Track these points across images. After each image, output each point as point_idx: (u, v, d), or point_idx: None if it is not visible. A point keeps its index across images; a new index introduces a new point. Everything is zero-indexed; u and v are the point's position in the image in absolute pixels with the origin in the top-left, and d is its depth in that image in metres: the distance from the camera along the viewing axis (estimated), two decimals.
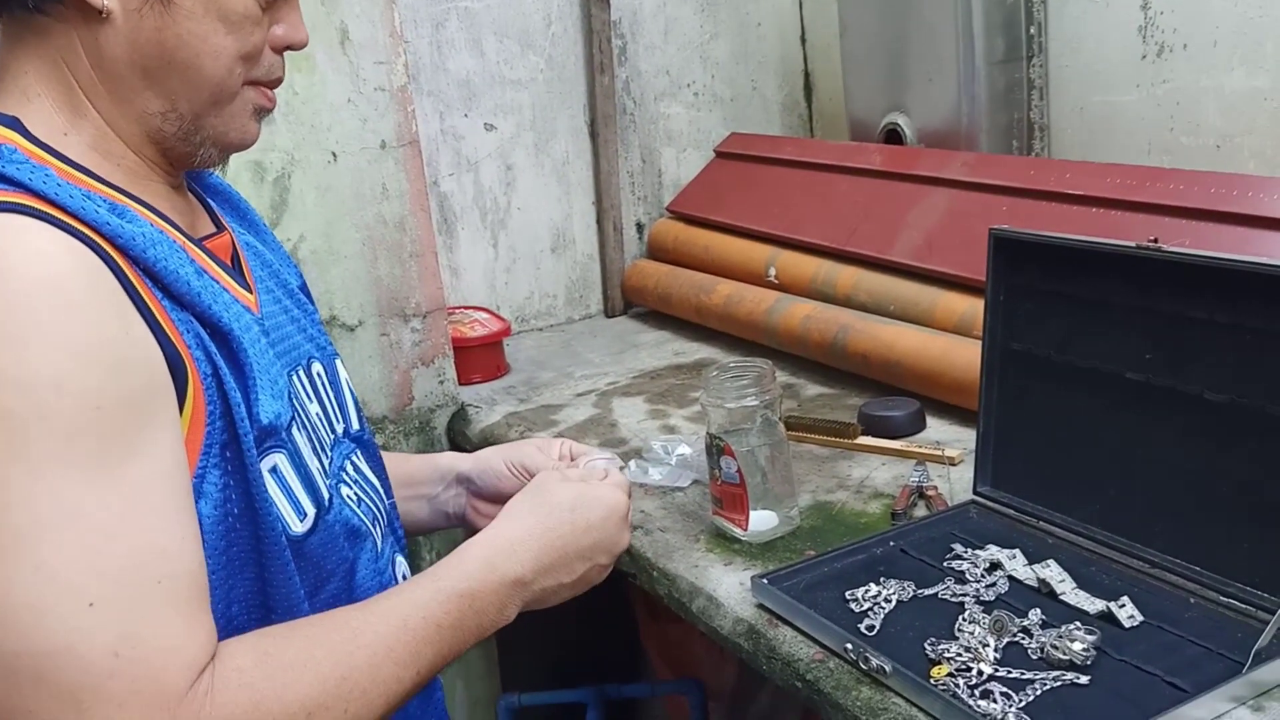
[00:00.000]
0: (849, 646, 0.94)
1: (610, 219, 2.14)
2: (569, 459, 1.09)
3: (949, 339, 1.47)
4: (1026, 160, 1.75)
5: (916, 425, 1.42)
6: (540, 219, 2.11)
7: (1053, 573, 1.00)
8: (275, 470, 0.80)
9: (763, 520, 1.17)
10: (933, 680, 0.88)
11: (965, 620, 0.96)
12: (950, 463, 1.30)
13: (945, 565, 1.06)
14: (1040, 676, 0.88)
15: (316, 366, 0.95)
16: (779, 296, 1.77)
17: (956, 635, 0.94)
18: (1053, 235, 1.09)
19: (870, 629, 0.97)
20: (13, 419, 0.64)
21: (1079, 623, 0.93)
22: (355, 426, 0.99)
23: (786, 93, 2.35)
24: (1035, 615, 0.95)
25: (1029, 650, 0.92)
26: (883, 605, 1.00)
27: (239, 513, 0.76)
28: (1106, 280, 1.04)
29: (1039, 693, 0.86)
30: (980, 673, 0.89)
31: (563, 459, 1.09)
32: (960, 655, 0.91)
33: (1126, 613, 0.94)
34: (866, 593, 1.02)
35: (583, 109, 2.11)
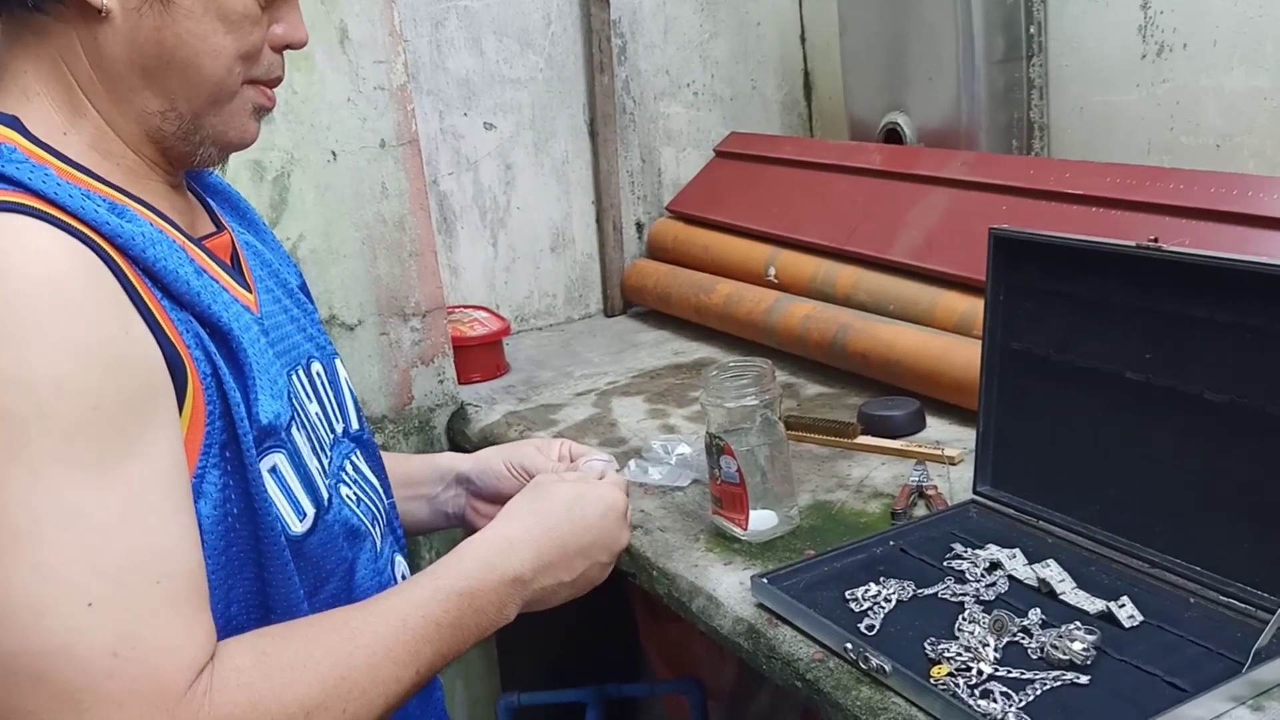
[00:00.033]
0: (849, 646, 0.94)
1: (610, 218, 2.14)
2: (568, 459, 1.09)
3: (949, 338, 1.47)
4: (1026, 160, 1.75)
5: (916, 425, 1.42)
6: (540, 218, 2.11)
7: (1053, 572, 1.00)
8: (275, 470, 0.80)
9: (762, 520, 1.17)
10: (932, 680, 0.88)
11: (965, 620, 0.96)
12: (950, 462, 1.30)
13: (945, 565, 1.06)
14: (1040, 676, 0.88)
15: (316, 366, 0.95)
16: (778, 296, 1.77)
17: (956, 635, 0.94)
18: (1052, 235, 1.09)
19: (870, 628, 0.97)
20: (12, 419, 0.64)
21: (1079, 622, 0.93)
22: (355, 426, 0.99)
23: (786, 92, 2.35)
24: (1035, 615, 0.95)
25: (1029, 650, 0.92)
26: (882, 605, 1.00)
27: (238, 513, 0.76)
28: (1106, 280, 1.04)
29: (1039, 692, 0.86)
30: (980, 672, 0.89)
31: (562, 459, 1.09)
32: (960, 655, 0.91)
33: (1126, 612, 0.94)
34: (866, 592, 1.02)
35: (582, 108, 2.11)
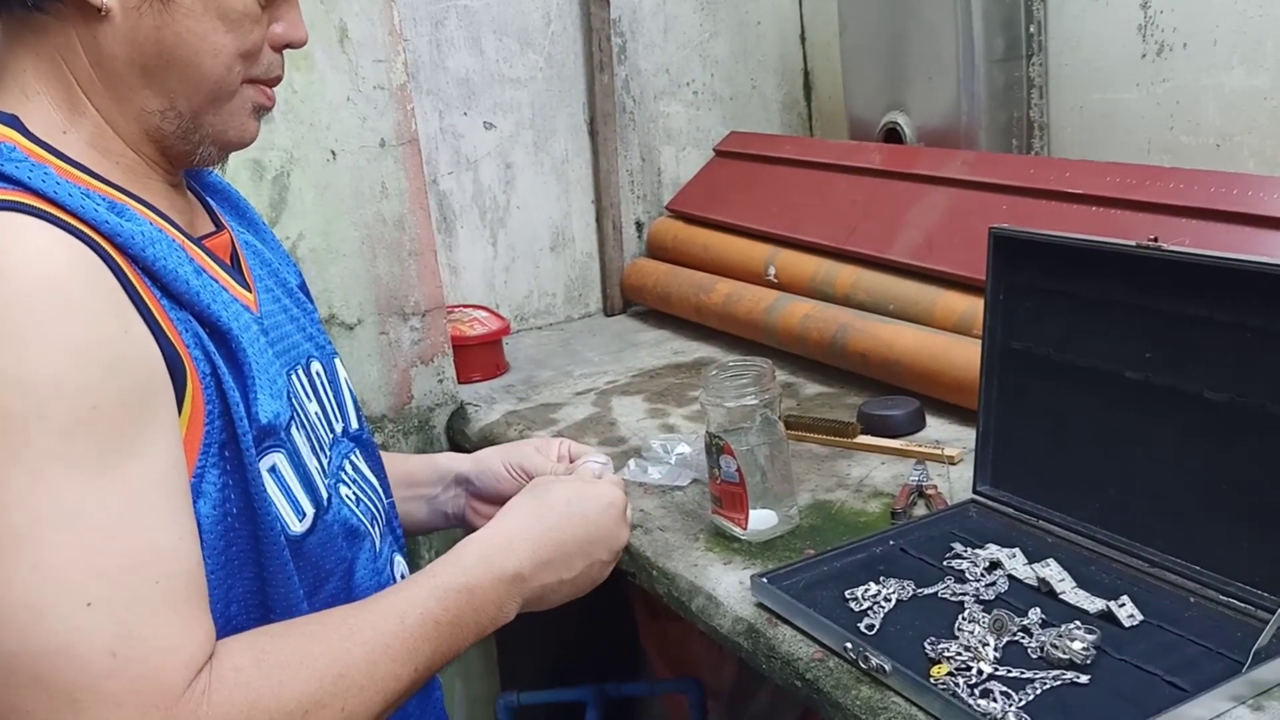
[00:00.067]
0: (848, 645, 0.94)
1: (609, 218, 2.14)
2: (567, 459, 1.09)
3: (948, 338, 1.47)
4: (1026, 159, 1.75)
5: (916, 424, 1.42)
6: (539, 217, 2.11)
7: (1052, 572, 1.00)
8: (274, 470, 0.80)
9: (762, 519, 1.17)
10: (932, 679, 0.88)
11: (965, 619, 0.96)
12: (950, 462, 1.30)
13: (945, 564, 1.06)
14: (1040, 676, 0.88)
15: (315, 366, 0.95)
16: (778, 295, 1.77)
17: (956, 634, 0.94)
18: (1052, 234, 1.09)
19: (870, 628, 0.97)
20: (12, 418, 0.64)
21: (1079, 622, 0.93)
22: (354, 426, 0.99)
23: (786, 91, 2.35)
24: (1035, 614, 0.95)
25: (1029, 649, 0.92)
26: (882, 604, 1.00)
27: (238, 512, 0.76)
28: (1106, 279, 1.04)
29: (1039, 692, 0.86)
30: (980, 672, 0.89)
31: (561, 459, 1.09)
32: (960, 654, 0.91)
33: (1126, 612, 0.94)
34: (866, 592, 1.02)
35: (582, 107, 2.11)
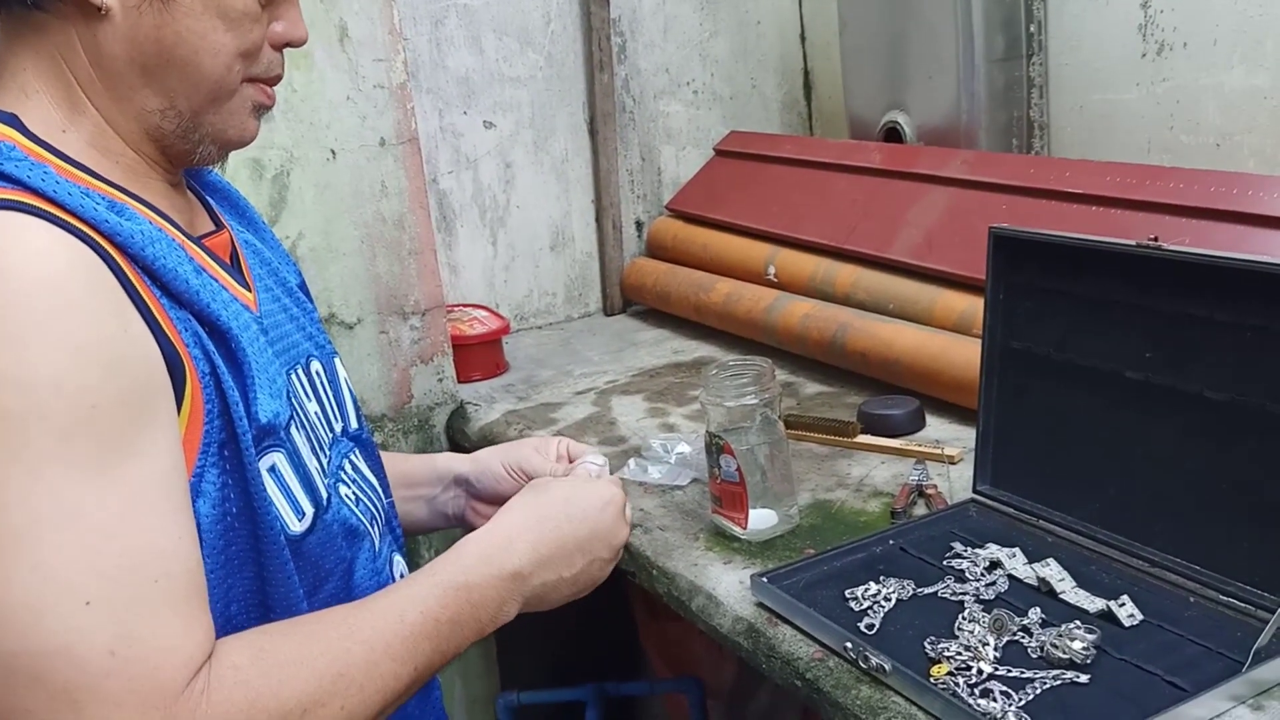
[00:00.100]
0: (848, 645, 0.94)
1: (609, 217, 2.14)
2: (566, 458, 1.09)
3: (948, 337, 1.47)
4: (1026, 158, 1.75)
5: (916, 424, 1.42)
6: (539, 217, 2.11)
7: (1052, 571, 1.00)
8: (274, 469, 0.80)
9: (762, 519, 1.17)
10: (932, 679, 0.88)
11: (965, 619, 0.96)
12: (950, 461, 1.30)
13: (945, 564, 1.06)
14: (1040, 675, 0.88)
15: (315, 365, 0.95)
16: (778, 295, 1.77)
17: (956, 634, 0.94)
18: (1052, 234, 1.09)
19: (870, 628, 0.97)
20: (11, 418, 0.64)
21: (1079, 621, 0.93)
22: (354, 425, 0.99)
23: (786, 91, 2.35)
24: (1035, 614, 0.95)
25: (1029, 649, 0.91)
26: (882, 604, 1.00)
27: (237, 512, 0.76)
28: (1106, 279, 1.04)
29: (1039, 691, 0.86)
30: (980, 671, 0.89)
31: (560, 458, 1.09)
32: (960, 654, 0.91)
33: (1126, 611, 0.94)
34: (866, 591, 1.02)
35: (582, 107, 2.11)
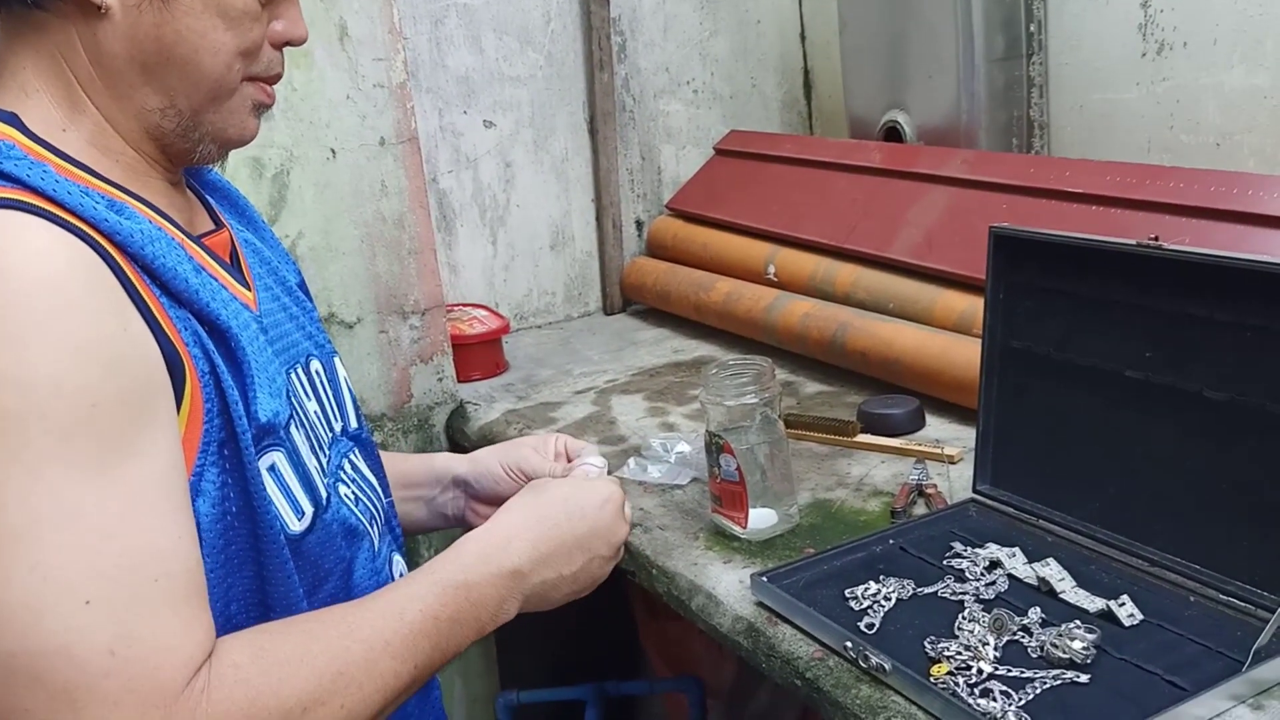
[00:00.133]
0: (848, 645, 0.94)
1: (609, 216, 2.14)
2: (564, 455, 1.09)
3: (948, 337, 1.47)
4: (1026, 158, 1.75)
5: (916, 423, 1.42)
6: (539, 216, 2.11)
7: (1052, 571, 1.00)
8: (273, 469, 0.80)
9: (762, 518, 1.17)
10: (932, 679, 0.88)
11: (965, 619, 0.96)
12: (950, 461, 1.30)
13: (945, 563, 1.06)
14: (1040, 675, 0.87)
15: (315, 364, 0.95)
16: (778, 294, 1.77)
17: (956, 634, 0.94)
18: (1052, 233, 1.09)
19: (870, 627, 0.97)
20: (11, 418, 0.64)
21: (1079, 621, 0.93)
22: (354, 425, 0.99)
23: (786, 90, 2.35)
24: (1035, 614, 0.95)
25: (1029, 649, 0.91)
26: (882, 603, 1.00)
27: (237, 511, 0.76)
28: (1106, 278, 1.04)
29: (1039, 691, 0.86)
30: (980, 671, 0.89)
31: (558, 455, 1.09)
32: (960, 654, 0.91)
33: (1126, 611, 0.94)
34: (866, 591, 1.02)
35: (582, 106, 2.11)
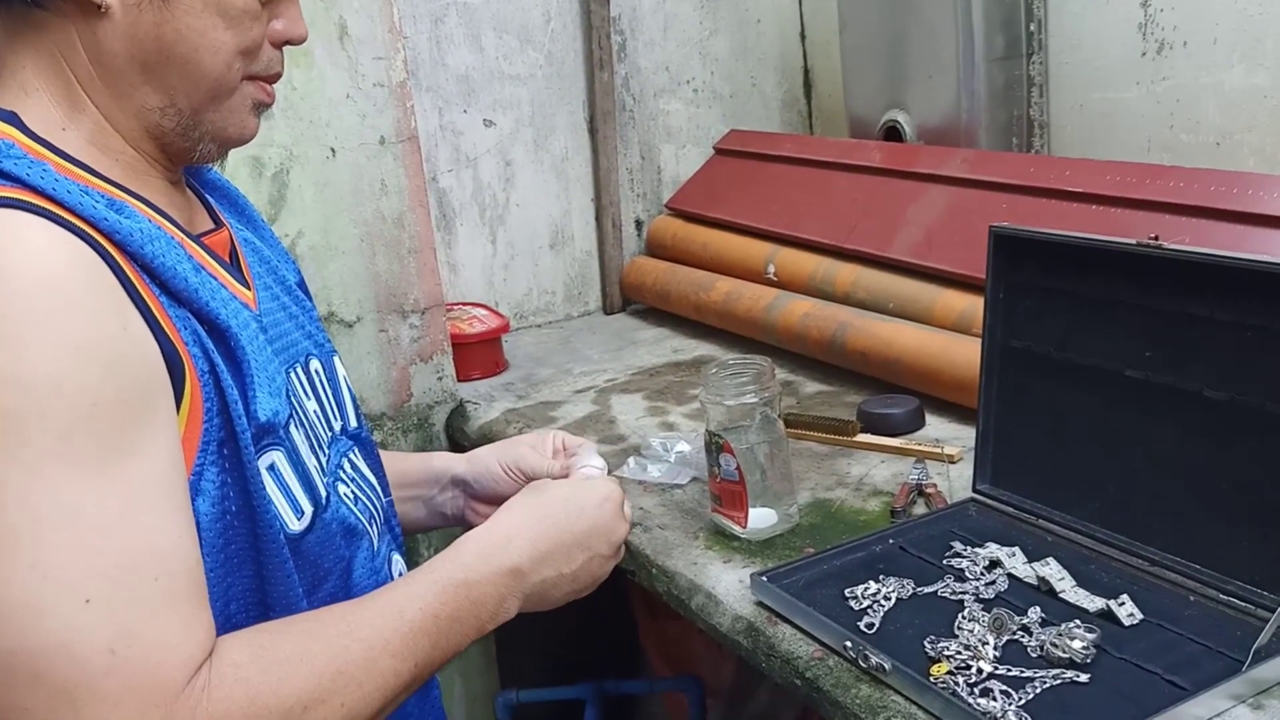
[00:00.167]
0: (848, 644, 0.94)
1: (609, 215, 2.14)
2: (562, 452, 1.09)
3: (948, 336, 1.47)
4: (1026, 157, 1.75)
5: (916, 423, 1.42)
6: (539, 215, 2.11)
7: (1052, 570, 1.00)
8: (273, 468, 0.80)
9: (762, 518, 1.17)
10: (932, 678, 0.88)
11: (965, 618, 0.96)
12: (949, 460, 1.30)
13: (944, 563, 1.06)
14: (1040, 674, 0.88)
15: (315, 363, 0.95)
16: (778, 294, 1.77)
17: (956, 633, 0.94)
18: (1052, 232, 1.09)
19: (869, 627, 0.97)
20: (10, 417, 0.64)
21: (1078, 620, 0.93)
22: (353, 424, 0.99)
23: (786, 89, 2.35)
24: (1035, 613, 0.95)
25: (1028, 648, 0.91)
26: (882, 603, 1.00)
27: (236, 510, 0.76)
28: (1106, 278, 1.04)
29: (1038, 691, 0.86)
30: (980, 671, 0.89)
31: (556, 453, 1.09)
32: (960, 653, 0.91)
33: (1126, 611, 0.94)
34: (866, 590, 1.02)
35: (582, 105, 2.11)
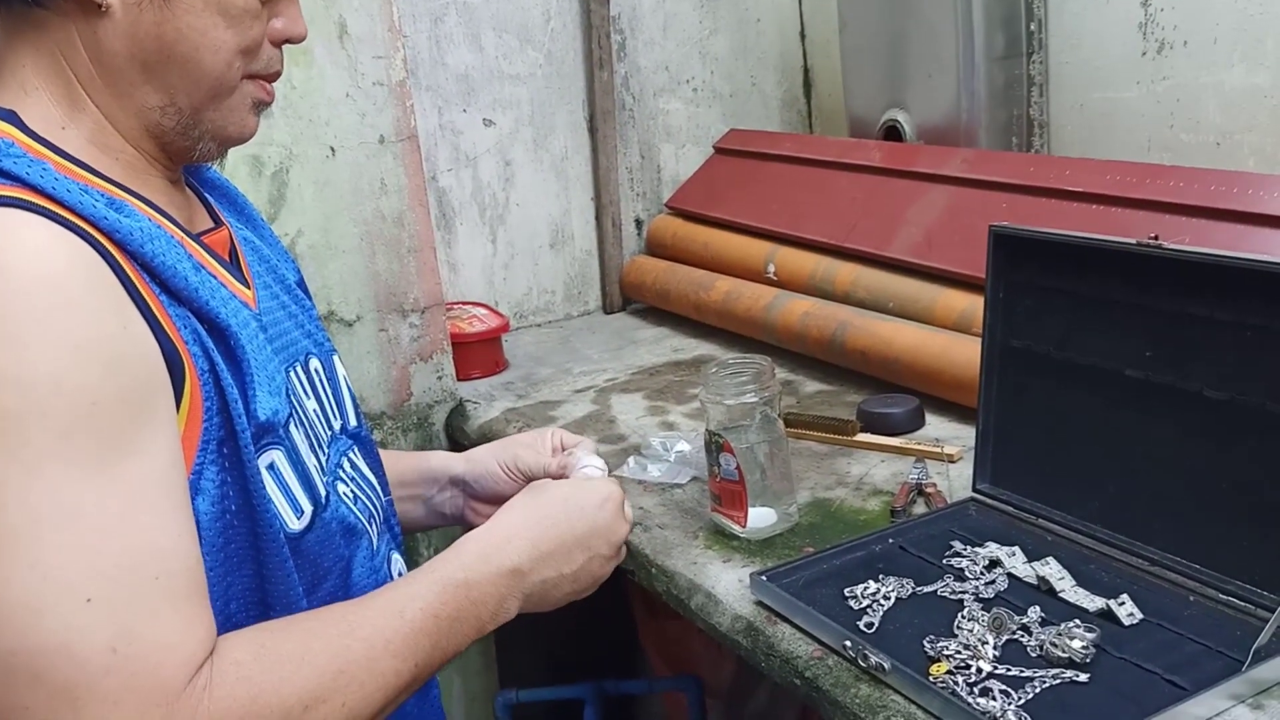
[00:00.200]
0: (848, 644, 0.94)
1: (609, 215, 2.14)
2: (560, 449, 1.09)
3: (948, 336, 1.47)
4: (1026, 157, 1.75)
5: (915, 422, 1.42)
6: (539, 215, 2.10)
7: (1052, 570, 1.00)
8: (273, 467, 0.80)
9: (761, 517, 1.17)
10: (931, 678, 0.88)
11: (964, 618, 0.96)
12: (949, 460, 1.30)
13: (944, 563, 1.06)
14: (1039, 674, 0.88)
15: (314, 363, 0.95)
16: (778, 293, 1.77)
17: (955, 633, 0.94)
18: (1052, 232, 1.09)
19: (869, 626, 0.97)
20: (10, 417, 0.64)
21: (1078, 620, 0.93)
22: (353, 423, 0.99)
23: (786, 89, 2.35)
24: (1034, 613, 0.95)
25: (1028, 648, 0.91)
26: (881, 602, 1.00)
27: (236, 509, 0.76)
28: (1106, 277, 1.04)
29: (1038, 690, 0.86)
30: (979, 670, 0.89)
31: (555, 451, 1.09)
32: (959, 653, 0.91)
33: (1126, 610, 0.94)
34: (865, 590, 1.02)
35: (582, 104, 2.11)
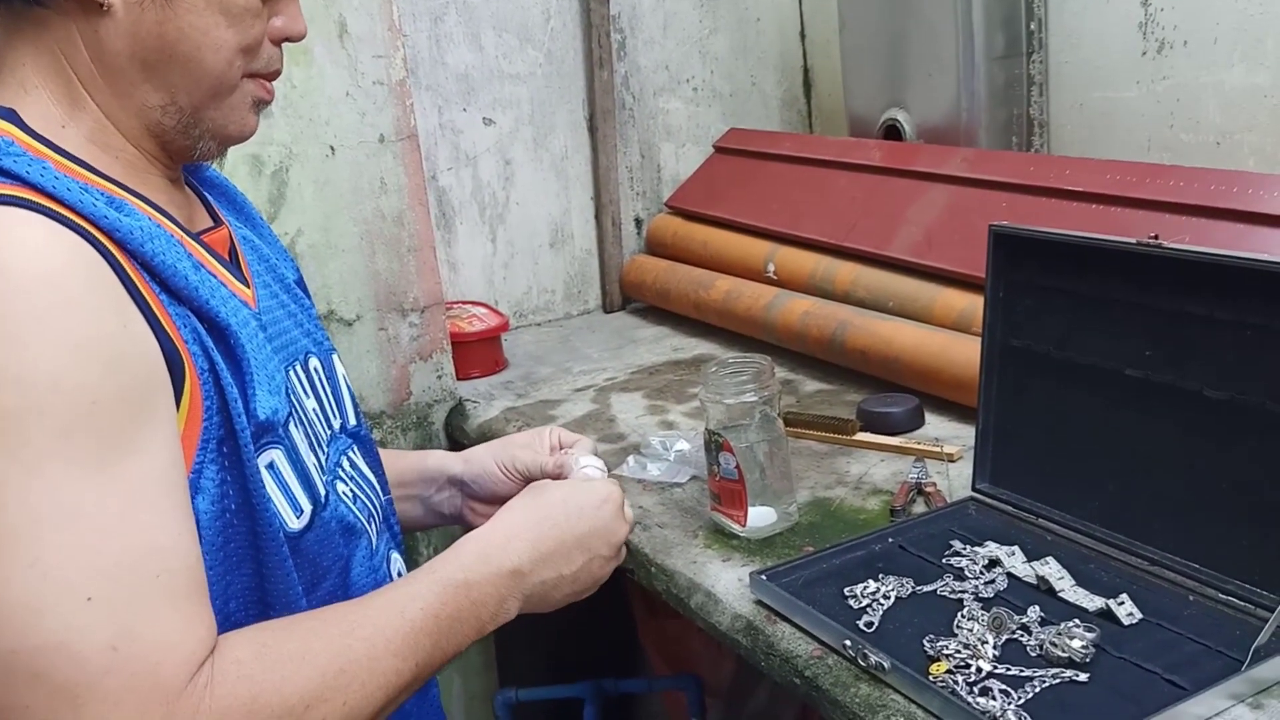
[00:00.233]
0: (847, 643, 0.94)
1: (609, 214, 2.14)
2: (559, 447, 1.09)
3: (948, 335, 1.47)
4: (1026, 156, 1.75)
5: (915, 422, 1.42)
6: (539, 214, 2.10)
7: (1052, 570, 1.00)
8: (272, 466, 0.80)
9: (761, 516, 1.17)
10: (931, 677, 0.88)
11: (964, 617, 0.96)
12: (949, 459, 1.30)
13: (944, 562, 1.06)
14: (1039, 674, 0.88)
15: (314, 362, 0.95)
16: (777, 292, 1.77)
17: (955, 632, 0.94)
18: (1052, 231, 1.09)
19: (869, 625, 0.97)
20: (10, 416, 0.64)
21: (1078, 620, 0.93)
22: (352, 422, 0.99)
23: (786, 88, 2.35)
24: (1034, 612, 0.95)
25: (1028, 647, 0.92)
26: (881, 602, 1.00)
27: (236, 508, 0.76)
28: (1106, 277, 1.04)
29: (1038, 690, 0.86)
30: (979, 670, 0.89)
31: (553, 449, 1.09)
32: (959, 652, 0.91)
33: (1125, 610, 0.94)
34: (865, 589, 1.02)
35: (581, 104, 2.11)
